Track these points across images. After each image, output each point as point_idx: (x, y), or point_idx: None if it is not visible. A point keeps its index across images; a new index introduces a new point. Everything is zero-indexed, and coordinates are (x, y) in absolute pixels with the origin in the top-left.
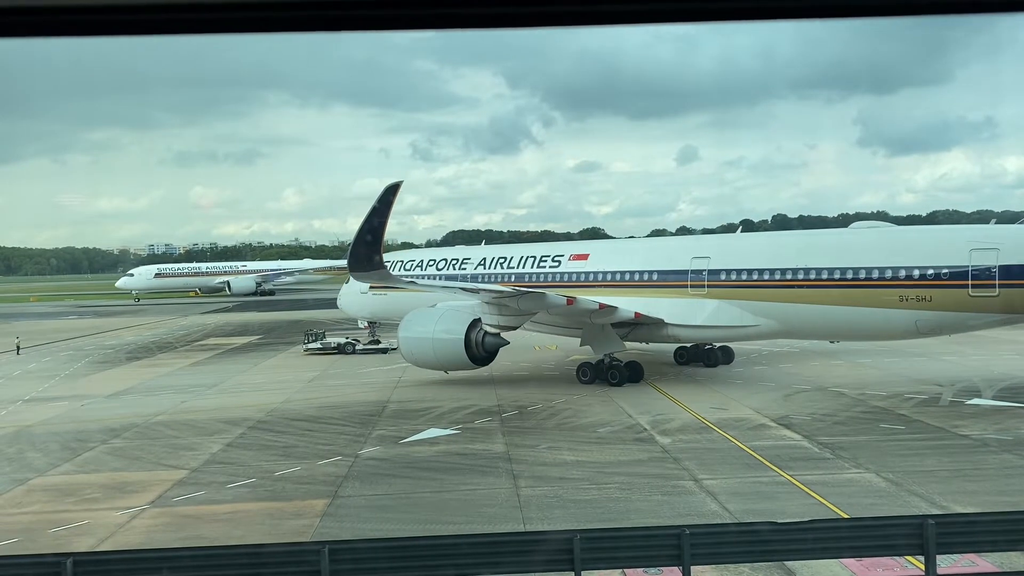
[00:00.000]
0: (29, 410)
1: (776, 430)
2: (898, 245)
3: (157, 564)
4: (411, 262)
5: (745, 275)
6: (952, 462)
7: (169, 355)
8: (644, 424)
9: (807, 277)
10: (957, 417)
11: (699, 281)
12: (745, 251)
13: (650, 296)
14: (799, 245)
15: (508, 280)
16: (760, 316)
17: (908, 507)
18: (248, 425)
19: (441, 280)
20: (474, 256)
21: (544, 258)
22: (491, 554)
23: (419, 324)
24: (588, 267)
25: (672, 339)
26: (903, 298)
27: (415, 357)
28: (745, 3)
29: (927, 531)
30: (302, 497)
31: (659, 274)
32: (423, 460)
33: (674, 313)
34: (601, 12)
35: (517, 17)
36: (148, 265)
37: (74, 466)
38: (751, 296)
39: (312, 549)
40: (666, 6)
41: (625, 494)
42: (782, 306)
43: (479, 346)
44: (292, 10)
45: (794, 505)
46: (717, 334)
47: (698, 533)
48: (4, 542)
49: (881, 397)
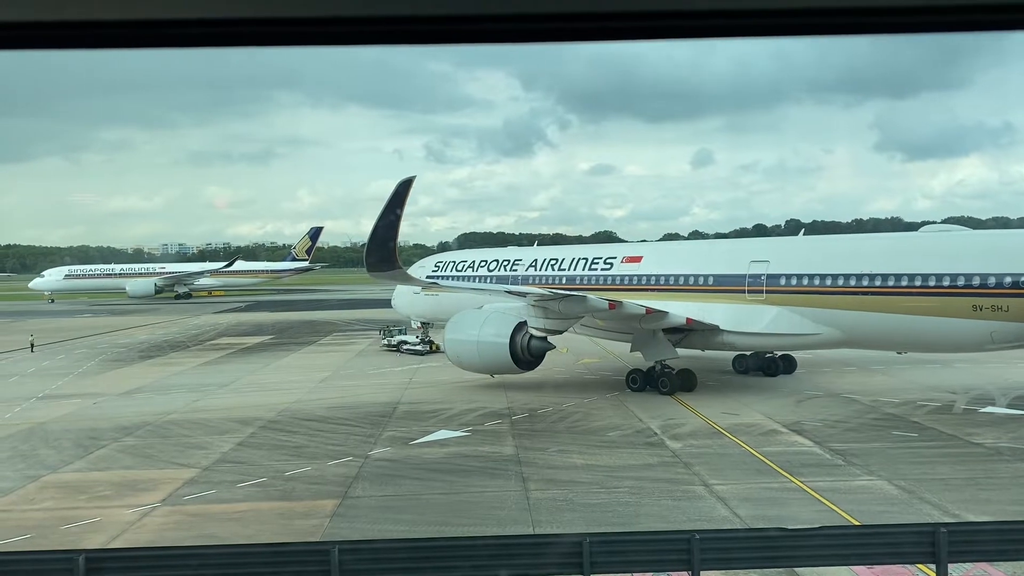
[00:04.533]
0: (43, 407)
1: (787, 436)
2: (972, 250)
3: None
4: (463, 262)
5: (806, 280)
6: (965, 470)
7: (181, 354)
8: (655, 428)
9: (873, 283)
10: (971, 425)
11: (757, 286)
12: (807, 255)
13: (705, 301)
14: (865, 249)
15: (559, 282)
16: (822, 324)
17: (920, 515)
18: (259, 424)
19: (488, 281)
20: (525, 257)
21: (596, 260)
22: (500, 556)
23: (465, 327)
24: (641, 270)
25: (728, 347)
26: (977, 307)
27: (460, 360)
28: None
29: (939, 539)
30: (312, 497)
31: (715, 278)
32: (433, 462)
33: (730, 319)
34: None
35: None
36: (60, 267)
37: (86, 463)
38: (812, 303)
39: (322, 549)
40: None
41: (635, 498)
42: (846, 314)
43: (525, 350)
44: (299, 25)
45: (805, 511)
46: (775, 342)
47: (708, 538)
48: (17, 538)
49: (894, 404)
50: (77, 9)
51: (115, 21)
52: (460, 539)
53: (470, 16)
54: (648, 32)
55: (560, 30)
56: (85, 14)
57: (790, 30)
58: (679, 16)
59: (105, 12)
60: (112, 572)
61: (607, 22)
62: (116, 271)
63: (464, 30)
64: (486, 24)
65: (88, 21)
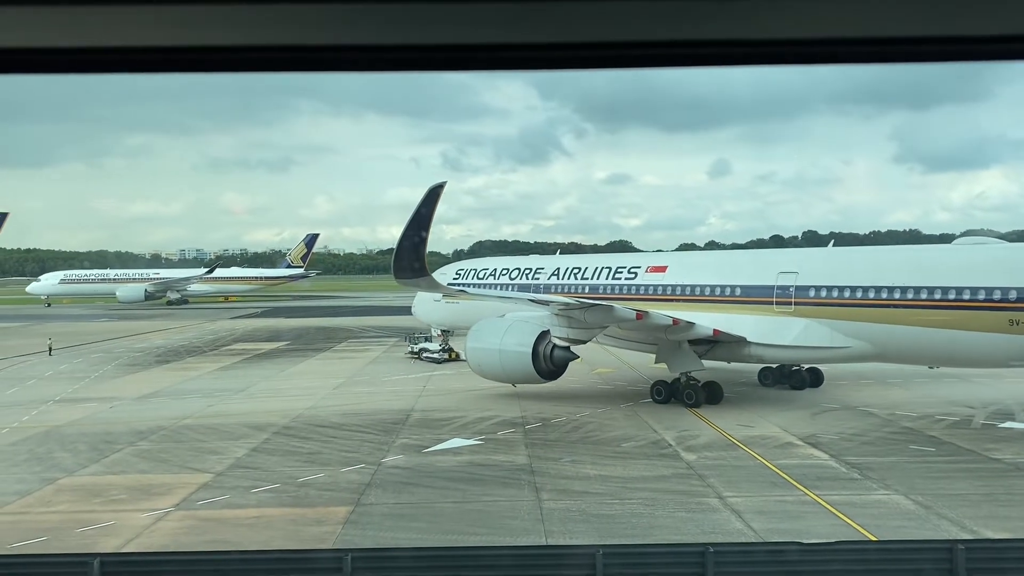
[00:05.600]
0: (59, 410)
1: (803, 449)
2: (1009, 264)
3: (181, 567)
4: (484, 270)
5: (836, 292)
6: (984, 486)
7: (197, 359)
8: (669, 440)
9: (905, 296)
10: (989, 440)
11: (786, 298)
12: (837, 266)
13: (732, 312)
14: (898, 261)
15: (582, 291)
16: (852, 337)
17: (937, 531)
18: (273, 430)
19: (511, 290)
20: (548, 266)
21: (620, 269)
22: (513, 566)
23: (487, 335)
24: (666, 280)
25: (755, 359)
26: (1014, 322)
27: (482, 369)
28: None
29: (956, 556)
30: (325, 504)
31: (742, 289)
32: (446, 470)
33: (758, 331)
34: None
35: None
36: (56, 272)
37: (102, 467)
38: (843, 315)
39: (335, 556)
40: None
41: (649, 510)
42: (877, 327)
43: (547, 359)
44: (312, 52)
45: (820, 525)
46: (804, 355)
47: (723, 551)
48: (33, 540)
49: (911, 418)
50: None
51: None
52: (472, 548)
53: (489, 45)
54: (664, 60)
55: (574, 58)
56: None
57: (809, 58)
58: (692, 45)
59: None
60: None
61: (623, 51)
62: (111, 276)
63: (481, 58)
64: (504, 53)
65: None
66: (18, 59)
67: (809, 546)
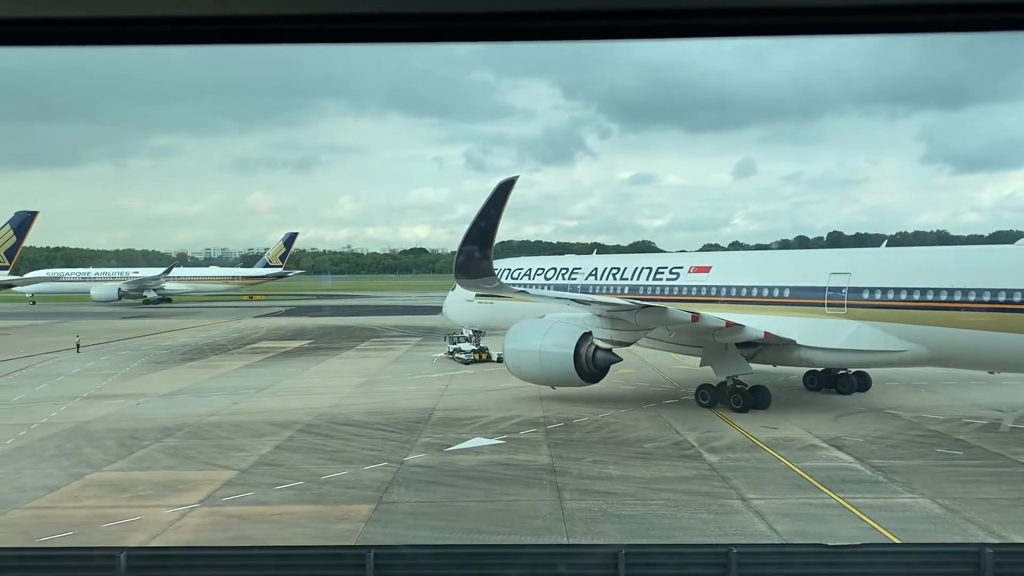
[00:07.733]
0: (87, 407)
1: (827, 451)
2: None
3: (205, 562)
4: (519, 270)
5: (892, 294)
6: (1012, 490)
7: (222, 357)
8: (692, 441)
9: (965, 298)
10: (1018, 444)
11: (837, 299)
12: (891, 267)
13: (780, 314)
14: (956, 261)
15: (621, 292)
16: (907, 340)
17: (964, 535)
18: (297, 428)
19: (547, 290)
20: (585, 266)
21: (661, 269)
22: (535, 565)
23: (527, 336)
24: (711, 280)
25: (804, 362)
26: None
27: (521, 371)
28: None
29: (984, 560)
30: (348, 501)
31: (791, 290)
32: (468, 469)
33: (807, 334)
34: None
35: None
36: (42, 270)
37: (128, 463)
38: (898, 318)
39: (357, 553)
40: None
41: (671, 511)
42: (934, 330)
43: (589, 362)
44: (315, 23)
45: (844, 528)
46: (856, 359)
47: (746, 552)
48: (61, 535)
49: (938, 421)
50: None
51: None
52: (494, 547)
53: (499, 14)
54: (660, 31)
55: (583, 28)
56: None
57: (813, 29)
58: (698, 14)
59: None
60: (152, 570)
61: (637, 20)
62: (92, 275)
63: (491, 28)
64: (514, 23)
65: (115, 18)
66: (27, 31)
67: (834, 548)
